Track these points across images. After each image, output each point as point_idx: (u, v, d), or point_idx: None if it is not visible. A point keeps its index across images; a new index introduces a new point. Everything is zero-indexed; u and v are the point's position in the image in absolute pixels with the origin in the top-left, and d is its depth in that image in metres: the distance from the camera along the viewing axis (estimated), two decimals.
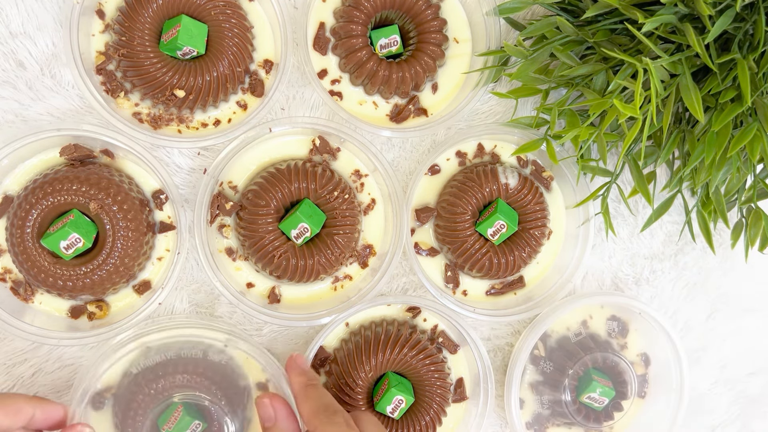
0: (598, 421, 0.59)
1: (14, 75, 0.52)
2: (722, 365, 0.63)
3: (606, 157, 0.50)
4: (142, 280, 0.54)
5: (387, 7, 0.55)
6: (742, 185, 0.54)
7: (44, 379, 0.53)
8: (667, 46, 0.47)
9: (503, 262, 0.56)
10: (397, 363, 0.55)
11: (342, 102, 0.57)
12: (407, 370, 0.55)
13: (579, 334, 0.60)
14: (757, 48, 0.44)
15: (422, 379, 0.55)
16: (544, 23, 0.51)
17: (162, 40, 0.52)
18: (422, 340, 0.56)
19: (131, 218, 0.51)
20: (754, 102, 0.46)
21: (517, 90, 0.53)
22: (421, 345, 0.55)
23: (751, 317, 0.64)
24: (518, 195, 0.57)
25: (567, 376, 0.58)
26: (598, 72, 0.49)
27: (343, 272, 0.56)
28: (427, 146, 0.58)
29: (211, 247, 0.53)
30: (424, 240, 0.58)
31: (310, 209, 0.53)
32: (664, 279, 0.62)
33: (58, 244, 0.49)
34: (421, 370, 0.55)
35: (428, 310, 0.57)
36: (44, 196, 0.49)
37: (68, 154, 0.52)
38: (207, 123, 0.55)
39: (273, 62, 0.55)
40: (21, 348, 0.53)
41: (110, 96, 0.53)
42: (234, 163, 0.54)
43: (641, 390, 0.61)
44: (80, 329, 0.52)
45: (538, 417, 0.60)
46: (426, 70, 0.56)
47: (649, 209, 0.59)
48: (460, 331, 0.56)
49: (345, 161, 0.56)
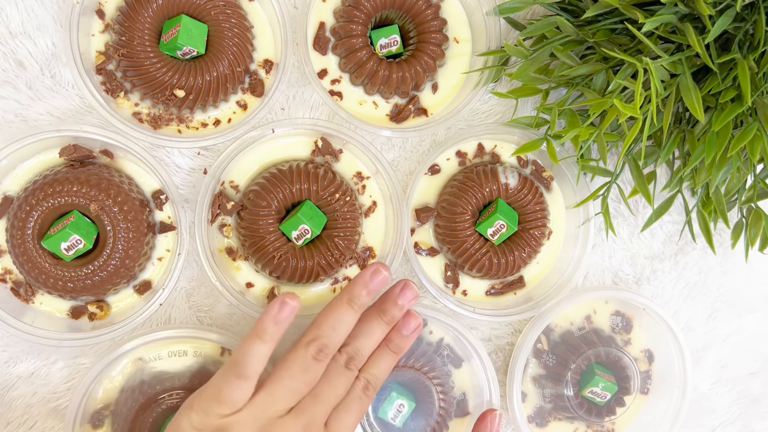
0: (600, 416, 0.59)
1: (14, 75, 0.52)
2: (722, 365, 0.63)
3: (606, 157, 0.50)
4: (142, 280, 0.54)
5: (387, 7, 0.55)
6: (742, 185, 0.54)
7: (44, 380, 0.53)
8: (667, 46, 0.47)
9: (503, 262, 0.56)
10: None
11: (342, 102, 0.57)
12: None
13: (582, 328, 0.60)
14: (757, 48, 0.44)
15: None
16: (544, 23, 0.51)
17: (162, 40, 0.52)
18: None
19: (131, 219, 0.51)
20: (755, 102, 0.46)
21: (517, 90, 0.53)
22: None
23: (752, 317, 0.64)
24: (518, 195, 0.57)
25: (570, 370, 0.58)
26: (598, 72, 0.49)
27: (342, 274, 0.56)
28: (427, 146, 0.58)
29: (211, 246, 0.53)
30: (424, 240, 0.58)
31: (311, 211, 0.53)
32: (664, 279, 0.62)
33: (59, 245, 0.49)
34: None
35: (435, 322, 0.57)
36: (45, 198, 0.49)
37: (68, 155, 0.52)
38: (207, 123, 0.55)
39: (273, 62, 0.55)
40: (21, 348, 0.53)
41: (110, 96, 0.53)
42: (236, 162, 0.54)
43: (644, 386, 0.61)
44: (81, 330, 0.52)
45: (540, 410, 0.60)
46: (426, 70, 0.56)
47: (649, 209, 0.59)
48: (466, 345, 0.56)
49: (347, 163, 0.56)
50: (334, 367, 0.47)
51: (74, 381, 0.53)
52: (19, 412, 0.53)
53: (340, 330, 0.47)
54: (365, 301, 0.49)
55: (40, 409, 0.53)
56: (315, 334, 0.47)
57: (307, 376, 0.46)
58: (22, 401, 0.53)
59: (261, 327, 0.46)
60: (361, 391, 0.47)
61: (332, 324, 0.47)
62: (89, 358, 0.53)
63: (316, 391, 0.46)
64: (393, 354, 0.49)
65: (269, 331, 0.45)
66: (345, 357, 0.47)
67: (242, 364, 0.45)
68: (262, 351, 0.45)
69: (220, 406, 0.44)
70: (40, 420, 0.53)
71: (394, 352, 0.49)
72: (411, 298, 0.50)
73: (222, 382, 0.44)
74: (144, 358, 0.53)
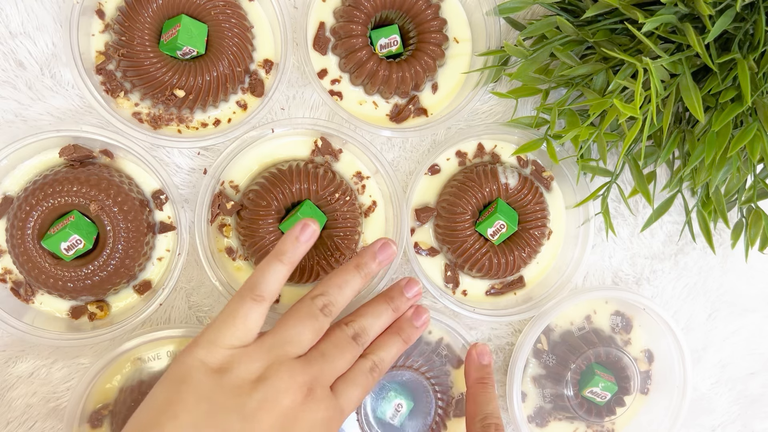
0: (599, 416, 0.59)
1: (14, 75, 0.52)
2: (722, 365, 0.63)
3: (606, 157, 0.50)
4: (142, 280, 0.54)
5: (387, 7, 0.55)
6: (742, 185, 0.54)
7: (44, 380, 0.53)
8: (667, 46, 0.47)
9: (503, 262, 0.56)
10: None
11: (342, 102, 0.57)
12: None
13: (582, 328, 0.60)
14: (757, 48, 0.44)
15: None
16: (544, 23, 0.51)
17: (162, 40, 0.52)
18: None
19: (131, 219, 0.51)
20: (754, 102, 0.46)
21: (517, 90, 0.53)
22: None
23: (751, 317, 0.64)
24: (518, 195, 0.57)
25: (570, 370, 0.58)
26: (598, 72, 0.49)
27: None
28: (427, 146, 0.58)
29: (211, 246, 0.53)
30: (424, 240, 0.58)
31: (311, 210, 0.53)
32: (664, 279, 0.62)
33: (59, 245, 0.49)
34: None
35: (434, 321, 0.57)
36: (45, 198, 0.49)
37: (68, 155, 0.52)
38: (207, 123, 0.55)
39: (273, 62, 0.55)
40: (21, 348, 0.53)
41: (110, 96, 0.53)
42: (236, 162, 0.54)
43: (644, 386, 0.61)
44: (81, 330, 0.52)
45: (540, 410, 0.60)
46: (426, 70, 0.56)
47: (649, 209, 0.59)
48: (464, 345, 0.56)
49: (347, 163, 0.56)
50: (340, 335, 0.47)
51: (74, 381, 0.53)
52: (19, 412, 0.53)
53: (346, 290, 0.47)
54: (372, 269, 0.49)
55: (39, 409, 0.53)
56: (321, 290, 0.47)
57: (315, 323, 0.45)
58: (21, 401, 0.53)
59: (281, 248, 0.46)
60: (368, 370, 0.47)
61: (339, 283, 0.47)
62: (89, 358, 0.53)
63: (323, 349, 0.45)
64: (403, 343, 0.50)
65: (288, 251, 0.45)
66: (351, 331, 0.47)
67: (260, 286, 0.44)
68: (281, 272, 0.45)
69: (231, 331, 0.43)
70: (39, 420, 0.53)
71: (404, 341, 0.50)
72: (417, 292, 0.51)
73: (237, 305, 0.44)
74: (143, 357, 0.53)
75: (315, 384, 0.44)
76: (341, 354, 0.46)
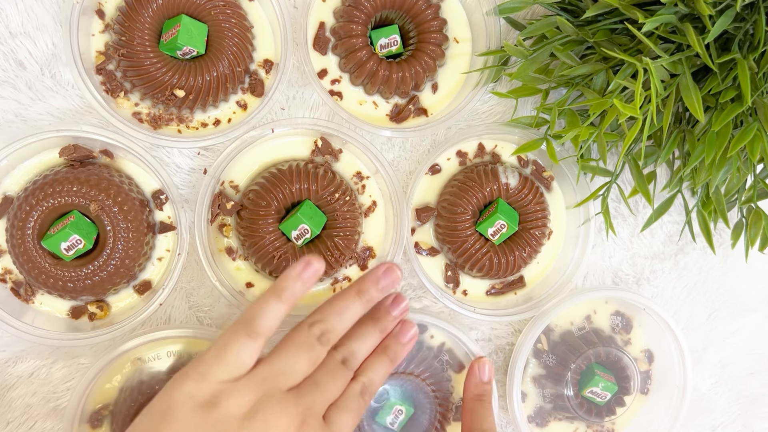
0: (599, 416, 0.59)
1: (14, 75, 0.52)
2: (722, 365, 0.63)
3: (606, 157, 0.50)
4: (142, 280, 0.54)
5: (387, 7, 0.55)
6: (742, 185, 0.54)
7: (44, 380, 0.53)
8: (667, 46, 0.47)
9: (503, 262, 0.56)
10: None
11: (342, 102, 0.57)
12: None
13: (582, 328, 0.60)
14: (757, 48, 0.44)
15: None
16: (544, 23, 0.51)
17: (162, 40, 0.52)
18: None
19: (131, 219, 0.51)
20: (754, 102, 0.46)
21: (517, 90, 0.53)
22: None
23: (751, 317, 0.64)
24: (519, 195, 0.57)
25: (570, 370, 0.58)
26: (598, 72, 0.49)
27: (342, 274, 0.56)
28: (428, 146, 0.58)
29: (211, 246, 0.53)
30: (425, 240, 0.58)
31: (311, 210, 0.53)
32: (664, 279, 0.62)
33: (59, 245, 0.49)
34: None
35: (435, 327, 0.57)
36: (45, 198, 0.49)
37: (68, 155, 0.52)
38: (207, 123, 0.55)
39: (273, 62, 0.55)
40: (21, 348, 0.53)
41: (110, 96, 0.53)
42: (236, 162, 0.54)
43: (644, 386, 0.61)
44: (81, 330, 0.52)
45: (540, 410, 0.60)
46: (426, 70, 0.56)
47: (649, 209, 0.59)
48: (466, 351, 0.56)
49: (347, 163, 0.56)
50: (331, 361, 0.45)
51: (74, 381, 0.53)
52: (19, 412, 0.53)
53: (345, 317, 0.46)
54: (374, 296, 0.48)
55: (39, 409, 0.53)
56: (319, 317, 0.45)
57: (311, 354, 0.44)
58: (22, 401, 0.53)
59: (282, 284, 0.43)
60: (359, 394, 0.46)
61: (339, 310, 0.46)
62: (89, 358, 0.53)
63: (316, 378, 0.44)
64: (390, 361, 0.48)
65: (289, 289, 0.43)
66: (340, 356, 0.46)
67: (256, 322, 0.42)
68: (279, 310, 0.43)
69: (222, 366, 0.41)
70: (39, 420, 0.53)
71: (392, 360, 0.48)
72: (403, 309, 0.50)
73: (230, 339, 0.42)
74: (143, 358, 0.53)
75: (307, 415, 0.42)
76: (333, 381, 0.44)
